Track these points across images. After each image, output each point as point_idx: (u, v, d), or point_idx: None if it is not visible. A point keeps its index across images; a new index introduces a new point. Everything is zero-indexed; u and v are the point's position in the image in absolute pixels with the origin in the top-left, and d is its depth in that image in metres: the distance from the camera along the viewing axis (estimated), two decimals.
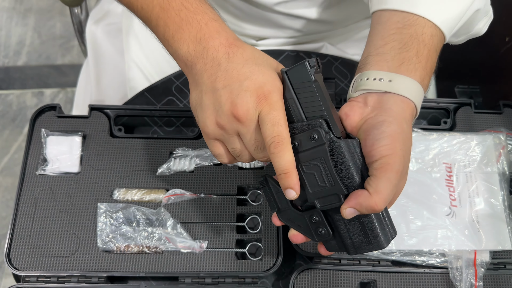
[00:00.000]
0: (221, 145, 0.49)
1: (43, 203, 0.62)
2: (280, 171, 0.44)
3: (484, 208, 0.63)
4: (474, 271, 0.60)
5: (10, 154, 1.46)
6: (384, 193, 0.43)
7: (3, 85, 1.56)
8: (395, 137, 0.44)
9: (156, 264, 0.60)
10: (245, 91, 0.44)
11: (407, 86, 0.47)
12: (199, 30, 0.47)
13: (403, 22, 0.50)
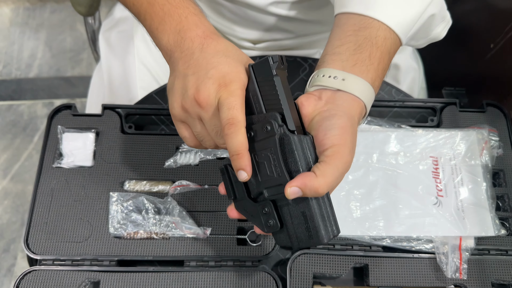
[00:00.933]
0: (187, 128, 0.51)
1: (59, 193, 0.67)
2: (233, 152, 0.46)
3: (468, 197, 0.67)
4: (459, 255, 0.64)
5: (20, 162, 1.52)
6: (330, 178, 0.45)
7: (15, 96, 1.62)
8: (345, 129, 0.47)
9: (163, 249, 0.64)
10: (209, 78, 0.47)
11: (359, 86, 0.50)
12: (179, 22, 0.52)
13: (359, 25, 0.53)
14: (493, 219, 0.66)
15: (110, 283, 0.62)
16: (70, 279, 0.62)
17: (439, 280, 0.64)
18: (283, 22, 0.78)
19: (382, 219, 0.66)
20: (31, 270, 0.63)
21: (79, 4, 0.82)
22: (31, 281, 0.62)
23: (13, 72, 1.66)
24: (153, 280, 0.62)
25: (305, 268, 0.64)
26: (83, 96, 1.57)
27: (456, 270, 0.63)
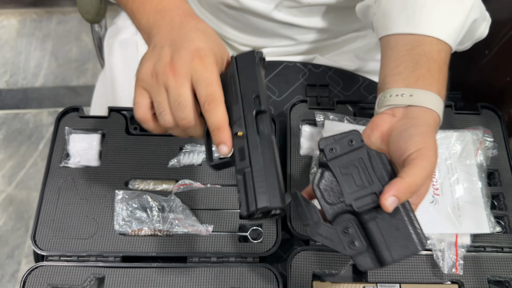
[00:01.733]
0: (146, 96, 0.49)
1: (65, 191, 0.69)
2: (213, 127, 0.47)
3: (464, 196, 0.69)
4: (455, 252, 0.65)
5: (25, 169, 1.54)
6: (417, 177, 0.46)
7: (21, 104, 1.65)
8: (426, 135, 0.49)
9: (167, 245, 0.66)
10: (185, 49, 0.47)
11: (428, 98, 0.53)
12: (159, 3, 0.53)
13: (410, 44, 0.56)
14: (488, 216, 0.67)
15: (115, 278, 0.64)
16: (75, 275, 0.64)
17: (436, 277, 0.65)
18: (285, 29, 0.81)
19: None
20: (38, 265, 0.64)
21: (87, 12, 0.85)
22: (38, 276, 0.64)
23: (20, 82, 1.70)
24: (156, 275, 0.64)
25: (305, 264, 0.65)
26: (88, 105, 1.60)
27: (452, 266, 0.64)
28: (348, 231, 0.49)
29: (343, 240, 0.49)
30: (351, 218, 0.50)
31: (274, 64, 0.85)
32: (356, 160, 0.50)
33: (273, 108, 0.82)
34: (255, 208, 0.45)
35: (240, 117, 0.48)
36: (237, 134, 0.48)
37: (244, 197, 0.46)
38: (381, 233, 0.48)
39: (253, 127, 0.48)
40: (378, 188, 0.49)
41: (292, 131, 0.74)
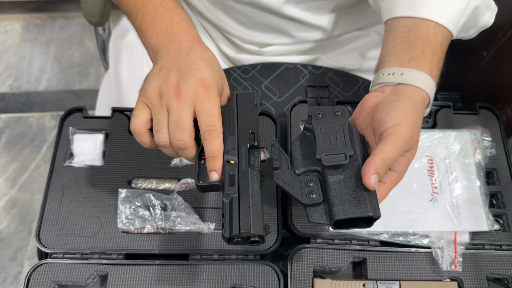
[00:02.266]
0: (147, 112, 0.53)
1: (69, 190, 0.70)
2: (209, 155, 0.51)
3: (462, 194, 0.70)
4: (454, 249, 0.66)
5: (28, 172, 1.55)
6: (389, 153, 0.49)
7: (24, 108, 1.67)
8: (406, 110, 0.51)
9: (169, 243, 0.67)
10: (192, 76, 0.51)
11: (417, 77, 0.55)
12: (170, 25, 0.55)
13: (409, 26, 0.59)
14: (486, 214, 0.68)
15: (118, 275, 0.64)
16: (79, 272, 0.65)
17: (435, 274, 0.66)
18: (291, 25, 0.82)
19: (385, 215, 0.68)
20: (42, 263, 0.65)
21: (91, 15, 0.86)
22: (42, 273, 0.65)
23: (23, 86, 1.71)
24: (159, 272, 0.65)
25: (305, 262, 0.66)
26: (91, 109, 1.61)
27: (451, 262, 0.65)
28: (310, 184, 0.53)
29: (303, 190, 0.53)
30: (316, 176, 0.54)
31: (274, 66, 0.87)
32: (337, 126, 0.54)
33: (273, 109, 0.83)
34: (238, 232, 0.49)
35: (234, 147, 0.53)
36: (229, 161, 0.53)
37: (229, 221, 0.49)
38: (339, 191, 0.52)
39: (245, 159, 0.53)
40: (348, 151, 0.52)
41: (292, 131, 0.75)
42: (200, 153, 0.55)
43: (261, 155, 0.67)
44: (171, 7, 0.57)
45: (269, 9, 0.78)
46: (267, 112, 0.77)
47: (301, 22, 0.82)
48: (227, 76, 0.85)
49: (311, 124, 0.56)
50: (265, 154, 0.71)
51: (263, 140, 0.75)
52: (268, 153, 0.72)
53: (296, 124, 0.76)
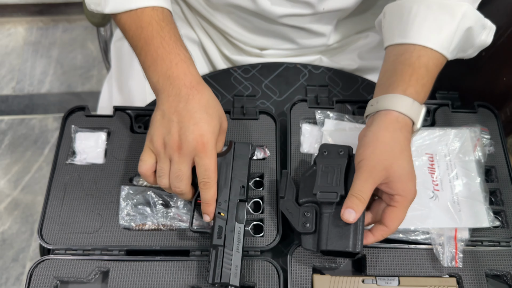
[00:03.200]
0: (153, 158, 0.61)
1: (71, 187, 0.71)
2: (204, 201, 0.61)
3: (463, 191, 0.70)
4: (454, 245, 0.66)
5: (31, 174, 1.56)
6: (356, 187, 0.58)
7: (27, 110, 1.68)
8: (366, 146, 0.59)
9: (170, 239, 0.67)
10: (191, 133, 0.58)
11: (389, 100, 0.60)
12: (169, 68, 0.60)
13: (397, 54, 0.63)
14: (487, 211, 0.69)
15: (119, 271, 0.65)
16: (81, 268, 0.65)
17: (435, 270, 0.66)
18: (293, 32, 0.83)
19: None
20: (45, 259, 0.66)
21: (93, 15, 0.87)
22: (44, 269, 0.65)
23: (26, 88, 1.73)
24: (160, 268, 0.65)
25: (305, 259, 0.67)
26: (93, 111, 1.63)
27: (452, 259, 0.65)
28: (307, 214, 0.63)
29: (300, 219, 0.63)
30: (314, 207, 0.63)
31: (275, 66, 0.87)
32: (336, 165, 0.63)
33: (274, 108, 0.84)
34: (219, 281, 0.59)
35: (226, 200, 0.63)
36: (220, 214, 0.63)
37: (213, 269, 0.60)
38: (328, 225, 0.61)
39: (233, 212, 0.63)
40: (341, 191, 0.61)
41: (292, 129, 0.76)
42: (196, 198, 0.64)
43: (261, 154, 0.70)
44: (171, 48, 0.61)
45: (270, 19, 0.79)
46: (267, 111, 0.78)
47: (304, 29, 0.83)
48: (227, 76, 0.86)
49: (317, 156, 0.66)
50: (265, 152, 0.72)
51: (264, 138, 0.75)
52: (268, 151, 0.73)
53: (296, 122, 0.77)
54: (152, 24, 0.62)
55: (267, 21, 0.81)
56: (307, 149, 0.75)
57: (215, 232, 0.62)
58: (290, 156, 0.74)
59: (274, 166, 0.73)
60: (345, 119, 0.76)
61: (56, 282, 0.65)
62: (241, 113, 0.79)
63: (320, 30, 0.83)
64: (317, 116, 0.76)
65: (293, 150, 0.74)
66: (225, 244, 0.61)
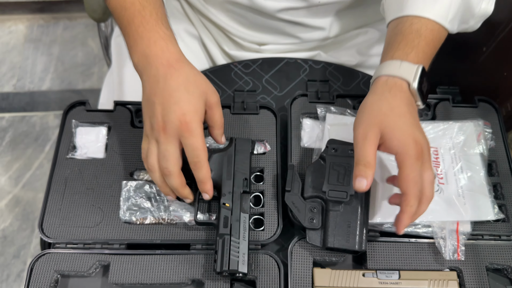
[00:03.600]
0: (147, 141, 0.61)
1: (72, 182, 0.71)
2: (199, 180, 0.61)
3: (468, 184, 0.70)
4: (456, 238, 0.66)
5: (32, 171, 1.56)
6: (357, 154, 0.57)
7: (28, 107, 1.68)
8: (357, 115, 0.59)
9: (171, 233, 0.67)
10: (173, 112, 0.57)
11: (378, 69, 0.60)
12: (147, 46, 0.59)
13: (393, 28, 0.63)
14: (492, 203, 0.68)
15: (120, 265, 0.65)
16: (81, 261, 0.65)
17: (436, 263, 0.66)
18: (290, 27, 0.83)
19: (384, 207, 0.68)
20: (45, 252, 0.66)
21: (94, 11, 0.87)
22: (45, 263, 0.65)
23: (27, 85, 1.73)
24: (160, 262, 0.65)
25: (305, 253, 0.67)
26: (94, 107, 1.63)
27: (454, 251, 0.65)
28: (313, 210, 0.64)
29: (306, 215, 0.64)
30: (320, 203, 0.64)
31: (275, 61, 0.87)
32: (346, 164, 0.64)
33: (274, 103, 0.84)
34: (227, 269, 0.59)
35: (230, 191, 0.64)
36: (225, 204, 0.64)
37: (220, 257, 0.60)
38: (335, 223, 0.62)
39: (238, 203, 0.64)
40: (351, 191, 0.62)
41: (293, 124, 0.76)
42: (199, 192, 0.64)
43: (261, 148, 0.70)
44: (151, 26, 0.60)
45: (267, 13, 0.79)
46: (267, 106, 0.78)
47: (301, 24, 0.83)
48: (228, 71, 0.86)
49: (326, 152, 0.66)
50: (266, 147, 0.72)
51: (264, 133, 0.75)
52: (268, 146, 0.73)
53: (296, 117, 0.77)
54: (134, 4, 0.61)
55: (263, 16, 0.81)
56: (308, 143, 0.75)
57: (221, 222, 0.62)
58: (291, 150, 0.74)
59: (274, 161, 0.73)
60: (347, 114, 0.76)
61: (57, 275, 0.65)
62: (241, 108, 0.78)
63: (317, 24, 0.83)
64: (318, 111, 0.76)
65: (294, 145, 0.74)
66: (231, 233, 0.62)
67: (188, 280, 0.64)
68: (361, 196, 0.64)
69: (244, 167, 0.67)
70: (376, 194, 0.68)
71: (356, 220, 0.63)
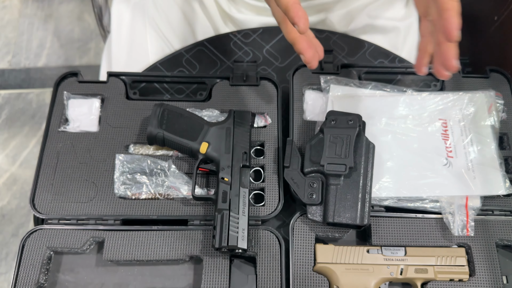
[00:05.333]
0: None
1: (64, 156, 0.68)
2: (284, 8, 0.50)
3: (478, 157, 0.67)
4: (465, 213, 0.63)
5: (29, 149, 1.54)
6: None
7: (24, 84, 1.64)
8: None
9: (167, 208, 0.65)
10: None
11: None
12: None
13: None
14: (503, 178, 0.65)
15: (115, 241, 0.63)
16: (75, 238, 0.63)
17: (444, 239, 0.63)
18: None
19: (392, 181, 0.65)
20: (37, 228, 0.64)
21: None
22: (37, 239, 0.63)
23: (22, 62, 1.68)
24: (157, 238, 0.63)
25: (307, 228, 0.64)
26: None
27: (463, 227, 0.62)
28: (313, 185, 0.61)
29: (306, 190, 0.62)
30: (320, 177, 0.62)
31: (276, 30, 0.83)
32: (345, 136, 0.62)
33: (275, 74, 0.80)
34: (226, 245, 0.57)
35: (229, 165, 0.62)
36: (224, 178, 0.61)
37: (219, 233, 0.58)
38: (335, 197, 0.60)
39: (237, 177, 0.61)
40: (349, 163, 0.60)
41: (295, 96, 0.73)
42: (197, 165, 0.63)
43: (262, 121, 0.67)
44: None
45: None
46: (268, 77, 0.74)
47: None
48: (227, 42, 0.82)
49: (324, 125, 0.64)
50: (266, 120, 0.69)
51: (265, 105, 0.72)
52: (269, 119, 0.70)
53: (299, 89, 0.73)
54: None
55: None
56: (310, 116, 0.72)
57: (219, 197, 0.60)
58: (293, 123, 0.70)
59: (275, 134, 0.70)
60: (352, 85, 0.72)
61: (49, 252, 0.63)
62: (241, 79, 0.75)
63: None
64: (321, 82, 0.73)
65: (296, 118, 0.71)
66: (230, 208, 0.59)
67: (186, 256, 0.62)
68: (363, 168, 0.61)
69: (244, 140, 0.65)
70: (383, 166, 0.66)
71: (356, 193, 0.60)
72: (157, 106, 0.66)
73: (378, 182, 0.65)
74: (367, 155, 0.62)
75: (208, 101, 0.72)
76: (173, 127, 0.65)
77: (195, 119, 0.66)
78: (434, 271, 0.61)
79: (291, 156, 0.64)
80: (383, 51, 0.82)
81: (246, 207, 0.60)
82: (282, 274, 0.61)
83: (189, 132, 0.65)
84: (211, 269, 0.61)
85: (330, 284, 0.61)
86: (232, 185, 0.61)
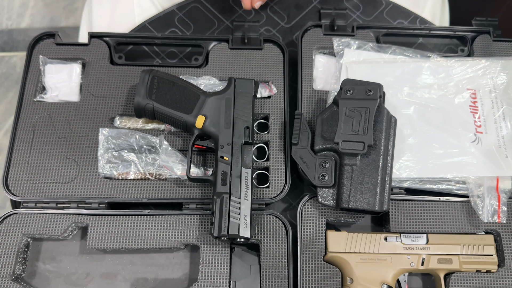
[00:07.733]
0: None
1: (41, 129, 0.60)
2: None
3: (511, 133, 0.59)
4: (497, 197, 0.56)
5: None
6: None
7: (6, 47, 1.54)
8: None
9: (159, 190, 0.57)
10: None
11: None
12: None
13: None
14: None
15: (100, 227, 0.55)
16: (54, 223, 0.56)
17: (471, 225, 0.57)
18: None
19: (414, 159, 0.58)
20: (11, 213, 0.56)
21: None
22: (11, 225, 0.56)
23: (4, 22, 1.57)
24: (148, 224, 0.56)
25: (317, 213, 0.57)
26: None
27: (494, 213, 0.56)
28: (325, 165, 0.54)
29: (317, 171, 0.54)
30: (333, 156, 0.54)
31: None
32: (363, 109, 0.53)
33: (281, 36, 0.71)
34: (226, 233, 0.50)
35: (228, 142, 0.54)
36: (223, 157, 0.54)
37: (218, 220, 0.51)
38: (351, 179, 0.53)
39: (238, 156, 0.54)
40: (369, 141, 0.52)
41: (303, 61, 0.65)
42: (192, 142, 0.55)
43: (266, 91, 0.59)
44: None
45: None
46: (273, 39, 0.65)
47: None
48: None
49: (339, 95, 0.55)
50: (271, 89, 0.61)
51: (270, 72, 0.63)
52: (274, 88, 0.62)
53: (308, 53, 0.65)
54: None
55: None
56: (322, 85, 0.64)
57: (218, 178, 0.53)
58: (301, 93, 0.62)
59: (281, 106, 0.62)
60: (369, 48, 0.64)
61: (26, 239, 0.56)
62: (242, 42, 0.66)
63: None
64: (334, 45, 0.64)
65: (305, 87, 0.63)
66: (231, 191, 0.52)
67: (180, 244, 0.55)
68: (383, 146, 0.54)
69: (246, 113, 0.57)
70: (404, 143, 0.58)
71: (375, 175, 0.53)
72: (145, 72, 0.57)
73: (398, 161, 0.58)
74: (388, 131, 0.54)
75: (204, 67, 0.64)
76: (164, 97, 0.56)
77: (190, 88, 0.58)
78: (459, 261, 0.55)
79: (299, 132, 0.56)
80: (403, 9, 0.73)
81: (248, 190, 0.53)
82: (289, 264, 0.55)
83: (183, 104, 0.56)
84: (209, 258, 0.54)
85: (343, 275, 0.55)
86: (233, 165, 0.54)
